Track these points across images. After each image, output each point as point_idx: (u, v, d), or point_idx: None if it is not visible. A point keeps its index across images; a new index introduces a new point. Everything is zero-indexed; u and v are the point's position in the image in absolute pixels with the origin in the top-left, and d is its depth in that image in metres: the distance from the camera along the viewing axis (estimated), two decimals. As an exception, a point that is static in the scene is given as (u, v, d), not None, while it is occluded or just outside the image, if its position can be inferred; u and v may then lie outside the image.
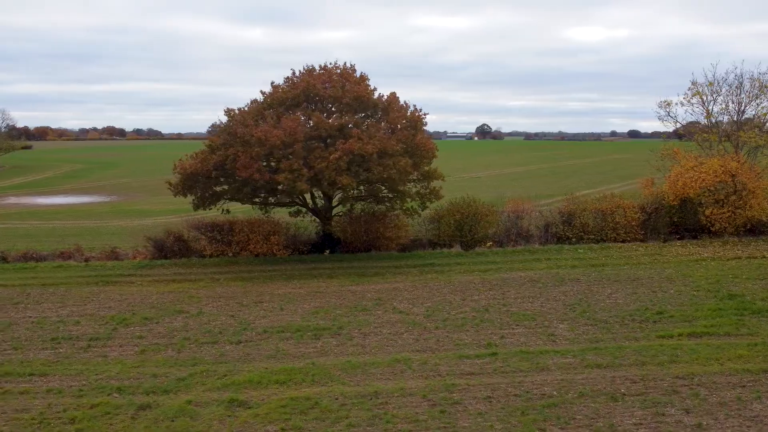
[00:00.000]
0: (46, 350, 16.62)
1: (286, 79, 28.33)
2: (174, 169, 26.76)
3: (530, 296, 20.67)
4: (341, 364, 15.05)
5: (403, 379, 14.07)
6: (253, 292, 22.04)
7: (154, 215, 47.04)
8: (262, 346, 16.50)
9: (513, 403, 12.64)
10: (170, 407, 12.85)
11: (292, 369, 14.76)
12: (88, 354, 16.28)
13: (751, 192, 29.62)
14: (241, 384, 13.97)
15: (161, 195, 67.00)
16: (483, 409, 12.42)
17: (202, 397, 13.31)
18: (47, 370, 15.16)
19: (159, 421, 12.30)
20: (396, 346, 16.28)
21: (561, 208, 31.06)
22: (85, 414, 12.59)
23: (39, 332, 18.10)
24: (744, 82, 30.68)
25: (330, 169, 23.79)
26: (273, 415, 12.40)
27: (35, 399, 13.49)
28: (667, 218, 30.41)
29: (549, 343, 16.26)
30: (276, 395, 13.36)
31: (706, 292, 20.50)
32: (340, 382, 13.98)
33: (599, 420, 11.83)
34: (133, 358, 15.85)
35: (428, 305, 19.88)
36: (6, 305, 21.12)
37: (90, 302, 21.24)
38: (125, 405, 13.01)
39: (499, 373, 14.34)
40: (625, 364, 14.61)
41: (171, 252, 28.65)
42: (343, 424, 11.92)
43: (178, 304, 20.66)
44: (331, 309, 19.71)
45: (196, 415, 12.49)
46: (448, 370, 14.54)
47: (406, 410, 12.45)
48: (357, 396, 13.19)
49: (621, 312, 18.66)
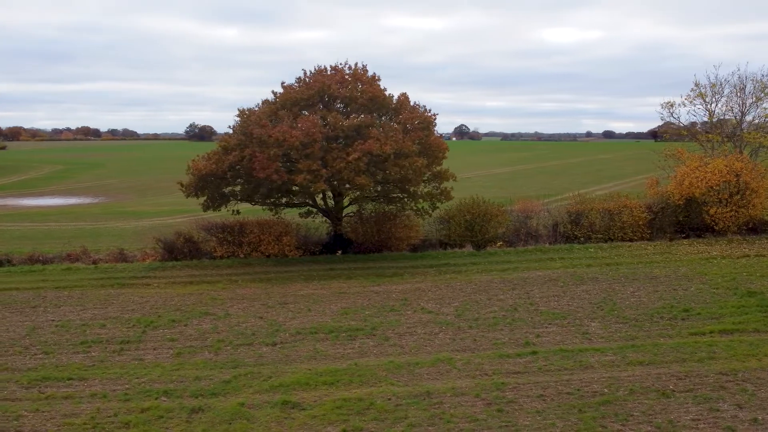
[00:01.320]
0: (78, 354, 16.35)
1: (298, 79, 28.22)
2: (187, 170, 26.44)
3: (554, 295, 20.86)
4: (384, 365, 15.05)
5: (451, 379, 14.12)
6: (276, 293, 21.91)
7: (149, 216, 46.47)
8: (299, 348, 16.42)
9: (567, 401, 12.75)
10: (223, 410, 12.73)
11: (337, 370, 14.72)
12: (123, 357, 16.05)
13: (754, 191, 30.22)
14: (288, 386, 13.89)
15: (151, 196, 66.60)
16: (539, 407, 12.51)
17: (253, 400, 13.21)
18: (85, 374, 14.92)
19: (216, 423, 12.18)
20: (434, 346, 16.32)
21: (569, 208, 31.38)
22: (138, 418, 12.42)
23: (66, 336, 17.80)
24: (747, 84, 31.32)
25: (348, 169, 23.76)
26: (330, 416, 12.35)
27: (81, 404, 13.27)
28: (673, 217, 30.89)
29: (585, 341, 16.43)
30: (327, 396, 13.31)
31: (726, 290, 20.87)
32: (388, 383, 13.98)
33: (656, 416, 11.99)
34: (170, 361, 15.66)
35: (456, 305, 19.95)
36: (24, 308, 20.73)
37: (110, 305, 20.94)
38: (176, 408, 12.87)
39: (544, 371, 14.45)
40: (666, 361, 14.82)
41: (181, 253, 28.36)
42: (403, 425, 11.92)
43: (202, 306, 20.46)
44: (359, 309, 19.68)
45: (252, 417, 12.40)
46: (492, 369, 14.62)
47: (463, 409, 12.50)
48: (409, 396, 13.20)
49: (647, 310, 18.91)
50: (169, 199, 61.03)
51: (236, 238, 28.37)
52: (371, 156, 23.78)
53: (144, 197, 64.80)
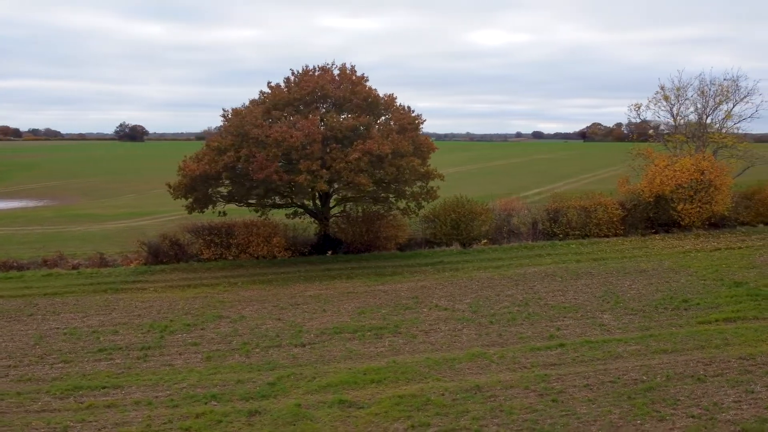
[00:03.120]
0: (101, 362, 15.82)
1: (286, 79, 28.01)
2: (179, 171, 25.79)
3: (557, 290, 21.61)
4: (422, 362, 15.28)
5: (493, 373, 14.50)
6: (283, 295, 21.74)
7: (110, 219, 44.76)
8: (330, 348, 16.43)
9: (613, 389, 13.36)
10: (281, 411, 12.67)
11: (378, 368, 14.85)
12: (151, 363, 15.64)
13: (717, 188, 32.09)
14: (336, 385, 13.92)
15: (100, 198, 64.07)
16: (589, 396, 13.06)
17: (306, 400, 13.18)
18: (117, 381, 14.48)
19: (279, 425, 12.12)
20: (463, 342, 16.67)
21: (547, 206, 32.43)
22: (196, 423, 12.20)
23: (80, 344, 17.15)
24: (709, 88, 33.24)
25: (348, 169, 23.82)
26: (392, 413, 12.49)
27: (127, 412, 12.90)
28: (644, 214, 32.43)
29: (605, 332, 17.17)
30: (380, 394, 13.43)
31: (713, 281, 22.18)
32: (434, 379, 14.22)
33: (700, 400, 12.75)
34: (202, 366, 15.38)
35: (468, 301, 20.39)
36: (21, 317, 19.81)
37: (113, 311, 20.26)
38: (232, 412, 12.70)
39: (578, 362, 15.05)
40: (687, 349, 15.70)
41: (167, 257, 27.63)
42: (467, 418, 12.20)
43: (213, 309, 20.10)
44: (375, 309, 19.82)
45: (314, 417, 12.40)
46: (529, 362, 15.10)
47: (518, 401, 12.89)
48: (461, 390, 13.49)
49: (650, 301, 19.90)
50: (122, 201, 59.05)
51: (224, 240, 27.89)
52: (371, 156, 23.92)
53: (93, 199, 62.24)
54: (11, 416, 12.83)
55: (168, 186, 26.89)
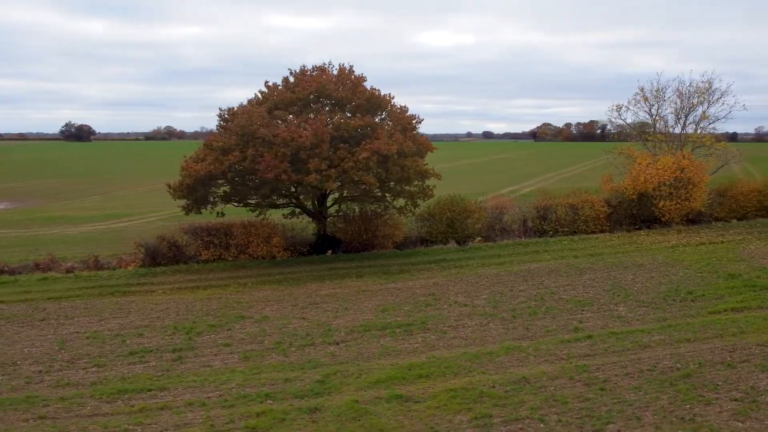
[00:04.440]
0: (135, 365, 15.59)
1: (284, 79, 27.98)
2: (181, 171, 25.43)
3: (566, 285, 22.31)
4: (460, 356, 15.63)
5: (533, 365, 14.95)
6: (298, 294, 21.75)
7: (84, 222, 43.53)
8: (365, 345, 16.61)
9: (653, 377, 13.98)
10: (340, 408, 12.80)
11: (421, 364, 15.11)
12: (188, 365, 15.51)
13: (695, 186, 33.58)
14: (386, 381, 14.12)
15: (64, 200, 62.12)
16: (633, 384, 13.65)
17: (361, 396, 13.35)
18: (161, 384, 14.32)
19: (343, 421, 12.26)
20: (493, 336, 17.10)
21: (537, 204, 33.28)
22: (260, 422, 12.24)
23: (106, 347, 16.83)
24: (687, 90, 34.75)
25: (356, 168, 23.98)
26: (450, 406, 12.79)
27: (182, 413, 12.81)
28: (629, 210, 33.65)
29: (625, 324, 17.88)
30: (432, 388, 13.70)
31: (709, 274, 23.28)
32: (479, 372, 14.59)
33: (738, 384, 13.49)
34: (243, 365, 15.35)
35: (484, 297, 20.86)
36: (32, 321, 19.27)
37: (129, 314, 19.91)
38: (292, 410, 12.77)
39: (610, 353, 15.66)
40: (707, 338, 16.52)
41: (165, 258, 27.19)
42: (525, 409, 12.60)
43: (232, 310, 19.98)
44: (396, 306, 20.07)
45: (375, 412, 12.58)
46: (564, 354, 15.63)
47: (568, 391, 13.38)
48: (509, 383, 13.90)
49: (657, 294, 20.78)
50: (90, 203, 57.49)
51: (223, 241, 27.65)
52: (379, 155, 24.15)
53: (58, 201, 60.29)
54: (63, 421, 12.58)
55: (168, 186, 26.47)
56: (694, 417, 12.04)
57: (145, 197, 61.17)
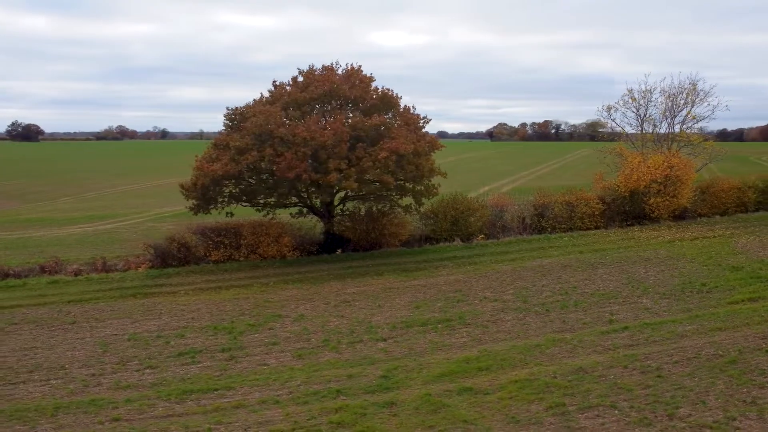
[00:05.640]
0: (189, 365, 15.52)
1: (293, 79, 28.02)
2: (197, 171, 25.16)
3: (584, 279, 23.05)
4: (510, 349, 16.09)
5: (583, 355, 15.52)
6: (326, 293, 21.87)
7: (69, 224, 42.31)
8: (413, 341, 16.91)
9: (700, 364, 14.71)
10: (415, 401, 13.08)
11: (476, 357, 15.51)
12: (244, 364, 15.53)
13: (683, 183, 35.01)
14: (449, 375, 14.46)
15: (35, 201, 60.15)
16: (686, 371, 14.35)
17: (432, 390, 13.64)
18: (224, 383, 14.33)
19: (424, 414, 12.55)
20: (534, 330, 17.63)
21: (534, 201, 34.12)
22: (344, 417, 12.42)
23: (152, 349, 16.68)
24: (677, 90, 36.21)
25: (375, 167, 24.23)
26: (521, 396, 13.22)
27: (259, 411, 12.89)
28: (621, 207, 34.83)
29: (654, 315, 18.67)
30: (495, 381, 14.10)
31: (714, 267, 24.40)
32: (534, 364, 15.07)
33: (782, 368, 14.36)
34: (300, 363, 15.46)
35: (510, 292, 21.41)
36: (63, 325, 18.89)
37: (161, 315, 19.70)
38: (368, 405, 12.99)
39: (651, 342, 16.36)
40: (736, 326, 17.41)
41: (175, 260, 26.86)
42: (594, 396, 13.13)
43: (266, 309, 19.99)
44: (427, 303, 20.42)
45: (452, 405, 12.90)
46: (609, 344, 16.26)
47: (628, 379, 13.97)
48: (568, 373, 14.42)
49: (672, 286, 21.70)
50: (65, 205, 55.86)
51: (233, 241, 27.49)
52: (397, 155, 24.45)
53: (29, 203, 58.33)
54: (139, 423, 12.50)
55: (181, 187, 26.16)
56: (754, 400, 12.78)
57: (119, 198, 59.82)
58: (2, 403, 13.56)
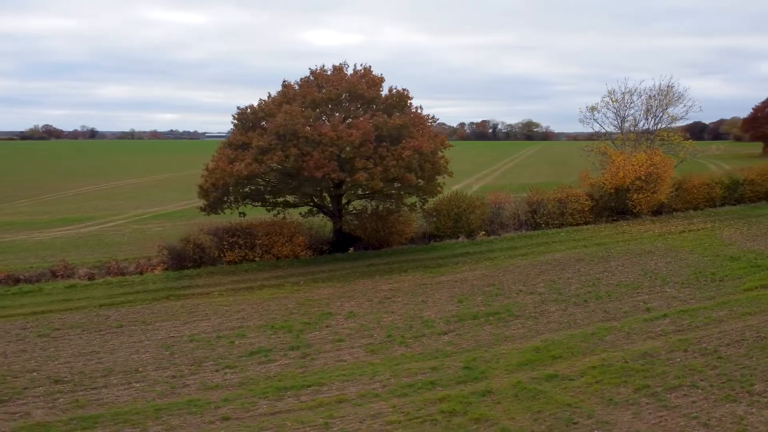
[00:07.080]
0: (267, 364, 15.66)
1: (302, 79, 28.15)
2: (216, 171, 24.92)
3: (603, 271, 24.27)
4: (570, 338, 16.97)
5: (640, 341, 16.54)
6: (362, 291, 22.21)
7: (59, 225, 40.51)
8: (475, 333, 17.54)
9: (752, 344, 15.96)
10: (509, 390, 13.72)
11: (546, 347, 16.26)
12: (321, 361, 15.78)
13: (662, 179, 37.06)
14: (527, 364, 15.17)
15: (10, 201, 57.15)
16: (741, 351, 15.57)
17: (519, 378, 14.31)
18: (316, 379, 14.58)
19: (526, 399, 13.20)
20: (580, 319, 18.59)
21: (528, 199, 35.36)
22: (451, 406, 12.91)
23: (219, 349, 16.67)
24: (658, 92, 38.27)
25: (399, 166, 24.72)
26: (606, 380, 14.04)
27: (363, 404, 13.24)
28: (608, 204, 36.55)
29: (683, 303, 19.97)
30: (572, 367, 14.90)
31: (713, 257, 26.14)
32: (600, 350, 15.98)
33: (823, 347, 15.80)
34: (376, 358, 15.85)
35: (541, 285, 22.34)
36: (110, 329, 18.55)
37: (210, 316, 19.60)
38: (467, 394, 13.52)
39: (694, 328, 17.57)
40: (762, 311, 18.86)
41: (191, 261, 26.51)
42: (671, 377, 14.09)
43: (313, 308, 20.20)
44: (467, 297, 21.10)
45: (544, 391, 13.60)
46: (658, 330, 17.37)
47: (694, 361, 15.06)
48: (636, 357, 15.37)
49: (686, 276, 23.18)
50: (24, 207, 53.40)
51: (248, 242, 27.37)
52: (419, 153, 25.01)
53: (4, 203, 55.50)
54: (252, 421, 12.63)
55: (200, 188, 25.85)
56: (815, 375, 14.08)
57: (82, 200, 57.60)
58: (95, 407, 13.37)
